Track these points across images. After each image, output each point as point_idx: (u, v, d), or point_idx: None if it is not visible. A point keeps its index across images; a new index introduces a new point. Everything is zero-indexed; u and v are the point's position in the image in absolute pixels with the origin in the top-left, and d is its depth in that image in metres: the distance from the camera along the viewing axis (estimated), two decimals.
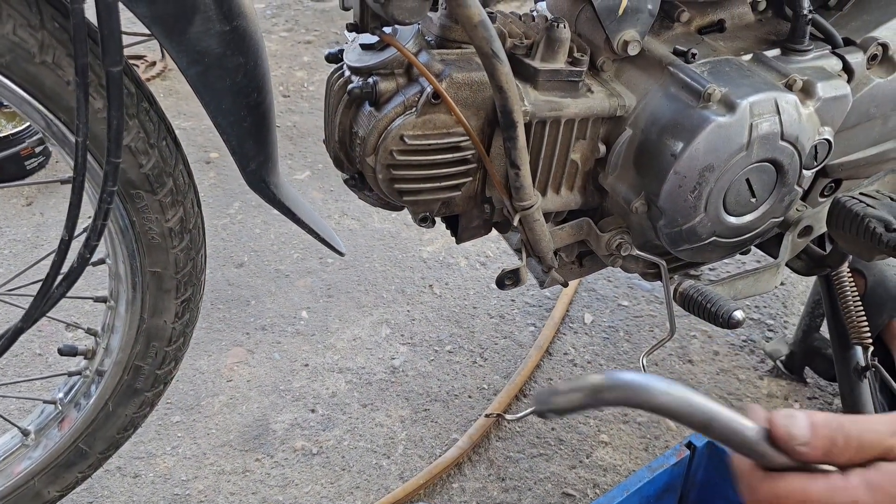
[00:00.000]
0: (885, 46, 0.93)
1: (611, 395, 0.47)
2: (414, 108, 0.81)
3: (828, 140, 0.90)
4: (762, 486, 0.50)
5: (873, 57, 0.93)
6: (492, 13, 0.86)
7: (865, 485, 0.47)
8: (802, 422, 0.48)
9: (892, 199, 1.00)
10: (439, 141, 0.82)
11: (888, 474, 0.47)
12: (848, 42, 0.94)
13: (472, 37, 0.72)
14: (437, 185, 0.85)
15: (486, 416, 1.39)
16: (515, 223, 0.88)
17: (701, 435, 0.69)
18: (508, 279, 0.96)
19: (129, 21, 0.74)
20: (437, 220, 0.95)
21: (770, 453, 0.48)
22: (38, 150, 1.99)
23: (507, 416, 1.39)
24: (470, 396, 1.48)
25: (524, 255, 0.96)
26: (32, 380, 1.46)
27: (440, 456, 1.34)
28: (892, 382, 1.11)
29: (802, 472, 0.49)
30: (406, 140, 0.81)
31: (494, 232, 1.02)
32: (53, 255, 0.80)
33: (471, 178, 0.87)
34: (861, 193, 1.01)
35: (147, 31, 0.75)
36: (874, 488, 0.46)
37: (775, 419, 0.48)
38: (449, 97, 0.80)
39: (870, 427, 0.48)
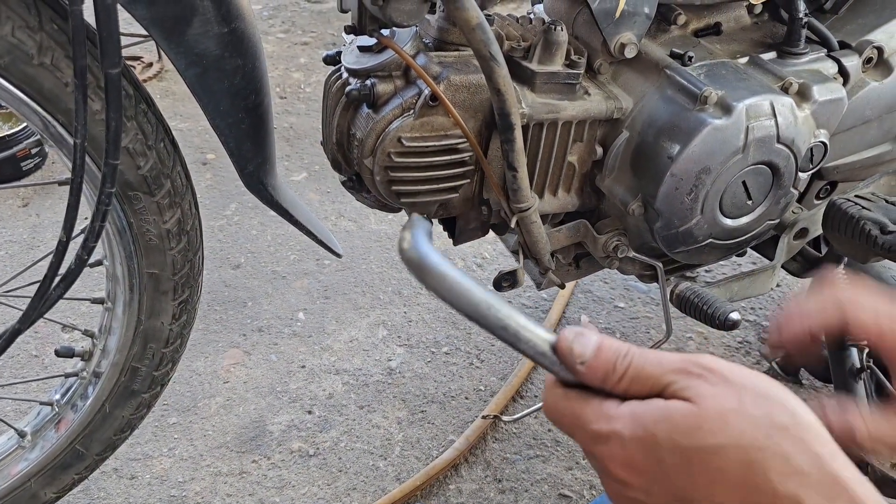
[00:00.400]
0: (880, 50, 0.94)
1: (429, 280, 0.46)
2: (412, 111, 0.81)
3: (823, 143, 0.91)
4: (547, 400, 0.49)
5: (868, 60, 0.94)
6: (489, 15, 0.86)
7: (630, 416, 0.45)
8: (590, 342, 0.47)
9: (887, 201, 1.00)
10: (437, 143, 0.82)
11: (654, 410, 0.44)
12: (843, 45, 0.94)
13: (469, 39, 0.73)
14: (435, 186, 0.85)
15: (483, 417, 1.39)
16: (513, 225, 0.88)
17: None
18: (506, 281, 0.96)
19: (126, 22, 0.74)
20: (435, 221, 0.95)
21: (559, 369, 0.48)
22: (34, 151, 1.99)
23: (504, 418, 1.39)
24: (466, 398, 1.49)
25: (521, 256, 0.96)
26: (29, 381, 1.45)
27: (437, 457, 1.34)
28: (888, 383, 1.12)
29: (586, 392, 0.47)
30: (404, 142, 0.81)
31: (491, 234, 1.02)
32: (51, 256, 0.80)
33: (468, 181, 0.87)
34: (856, 196, 1.01)
35: (144, 32, 0.75)
36: (636, 421, 0.44)
37: (564, 333, 0.47)
38: (446, 99, 0.80)
39: (655, 361, 0.46)
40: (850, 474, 0.43)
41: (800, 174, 0.91)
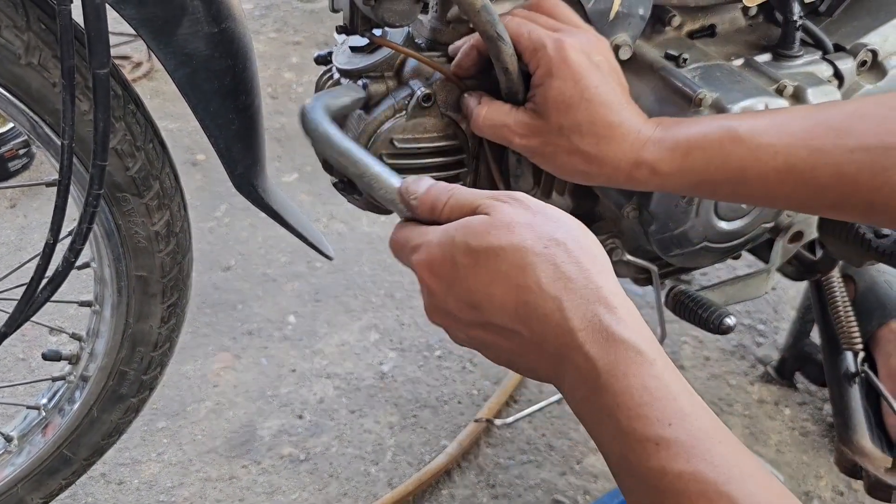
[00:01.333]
0: (874, 53, 0.94)
1: (314, 137, 0.60)
2: (404, 112, 0.80)
3: None
4: (391, 236, 0.60)
5: (863, 63, 0.94)
6: None
7: (442, 231, 0.54)
8: (424, 183, 0.58)
9: None
10: (429, 144, 0.82)
11: (457, 222, 0.53)
12: (838, 48, 0.94)
13: (475, 22, 0.72)
14: None
15: (476, 420, 1.39)
16: None
17: None
18: None
19: (114, 21, 0.73)
20: None
21: (400, 207, 0.60)
22: (22, 152, 1.97)
23: (497, 421, 1.39)
24: (459, 402, 1.48)
25: None
26: (15, 385, 1.44)
27: (429, 462, 1.33)
28: (882, 388, 1.12)
29: (416, 223, 0.58)
30: (396, 143, 0.81)
31: None
32: (38, 258, 0.79)
33: (461, 182, 0.86)
34: None
35: (133, 32, 0.74)
36: (443, 231, 0.54)
37: (407, 179, 0.59)
38: (440, 99, 0.80)
39: (471, 192, 0.56)
40: (612, 289, 0.50)
41: None
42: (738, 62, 0.91)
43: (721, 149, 0.69)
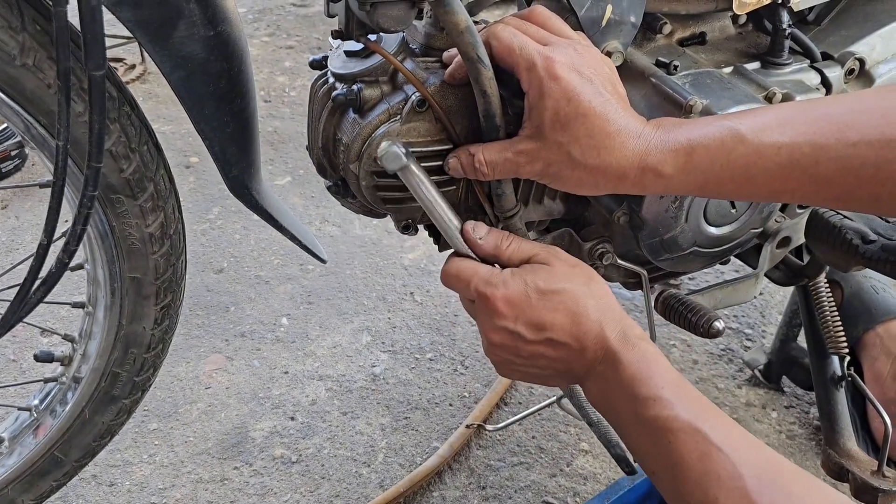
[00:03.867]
0: (861, 61, 0.95)
1: (408, 178, 0.74)
2: (398, 116, 0.81)
3: None
4: (450, 263, 0.76)
5: (850, 71, 0.95)
6: (477, 22, 0.86)
7: (510, 272, 0.73)
8: (484, 226, 0.76)
9: None
10: (423, 149, 0.82)
11: (527, 267, 0.73)
12: (826, 56, 0.95)
13: (457, 43, 0.73)
14: None
15: (467, 426, 1.39)
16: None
17: None
18: None
19: (109, 23, 0.73)
20: (420, 227, 0.95)
21: (460, 243, 0.76)
22: (14, 152, 1.97)
23: (488, 427, 1.39)
24: (451, 404, 1.48)
25: None
26: (7, 386, 1.43)
27: (421, 464, 1.34)
28: (867, 392, 1.13)
29: (471, 259, 0.76)
30: None
31: None
32: (31, 259, 0.79)
33: (454, 187, 0.87)
34: None
35: (127, 33, 0.75)
36: (515, 273, 0.73)
37: (467, 222, 0.76)
38: (435, 103, 0.80)
39: (526, 242, 0.76)
40: (630, 321, 0.73)
41: None
42: (728, 70, 0.92)
43: (724, 147, 0.70)
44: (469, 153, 0.78)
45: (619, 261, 0.96)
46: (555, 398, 1.26)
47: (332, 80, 0.85)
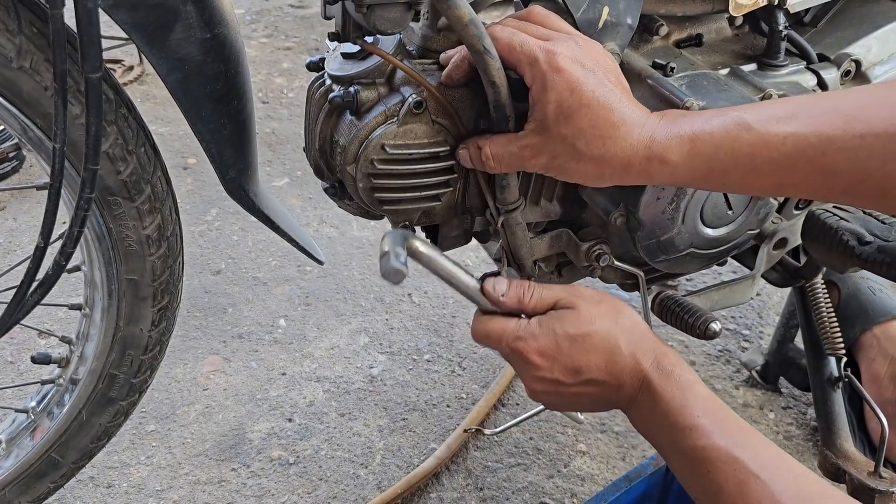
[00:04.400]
0: (857, 63, 0.95)
1: (420, 257, 0.70)
2: (395, 118, 0.81)
3: None
4: (477, 324, 0.76)
5: (846, 73, 0.95)
6: None
7: (538, 322, 0.73)
8: (503, 282, 0.75)
9: (864, 212, 1.02)
10: (420, 150, 0.82)
11: (552, 315, 0.73)
12: (822, 58, 0.95)
13: (463, 36, 0.73)
14: (418, 194, 0.85)
15: (465, 430, 1.39)
16: (499, 225, 0.89)
17: None
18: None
19: (106, 24, 0.73)
20: (417, 229, 0.95)
21: (483, 301, 0.75)
22: (12, 154, 1.96)
23: (486, 431, 1.39)
24: (448, 406, 1.48)
25: (504, 263, 0.96)
26: (4, 388, 1.43)
27: (418, 466, 1.34)
28: (864, 392, 1.13)
29: (504, 315, 0.75)
30: (387, 149, 0.81)
31: (474, 241, 1.02)
32: (28, 261, 0.79)
33: (451, 188, 0.87)
34: (835, 207, 1.03)
35: (124, 35, 0.75)
36: (542, 324, 0.73)
37: (486, 278, 0.75)
38: (431, 106, 0.80)
39: (548, 289, 0.75)
40: (659, 341, 0.74)
41: None
42: (724, 71, 0.92)
43: (728, 135, 0.70)
44: (477, 146, 0.79)
45: (616, 262, 0.96)
46: None
47: (329, 81, 0.86)
